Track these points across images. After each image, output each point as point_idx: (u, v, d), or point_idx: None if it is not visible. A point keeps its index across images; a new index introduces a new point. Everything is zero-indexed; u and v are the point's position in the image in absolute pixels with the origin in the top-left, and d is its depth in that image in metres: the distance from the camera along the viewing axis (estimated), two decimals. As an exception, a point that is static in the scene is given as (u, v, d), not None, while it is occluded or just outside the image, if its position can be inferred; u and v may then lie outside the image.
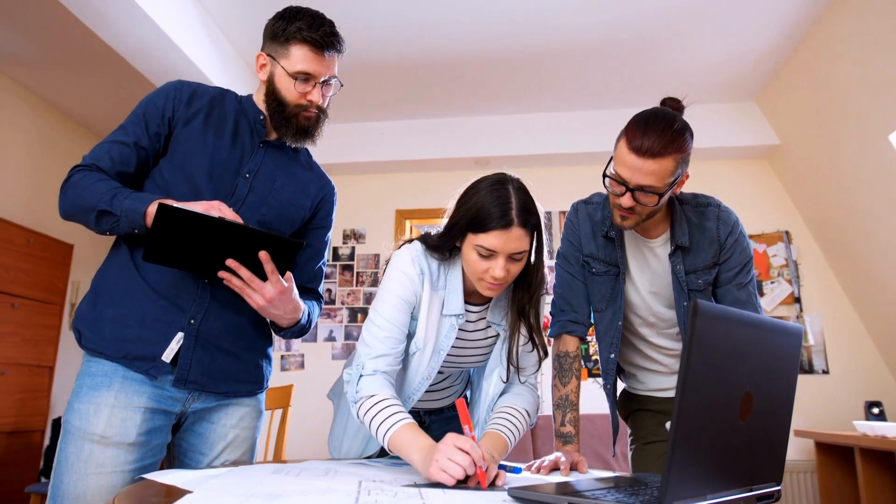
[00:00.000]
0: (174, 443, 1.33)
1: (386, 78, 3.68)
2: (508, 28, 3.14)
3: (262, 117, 1.39)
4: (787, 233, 3.90)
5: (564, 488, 0.89)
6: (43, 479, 3.49)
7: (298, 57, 1.31)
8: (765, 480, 0.90)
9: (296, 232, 1.45)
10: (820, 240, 3.79)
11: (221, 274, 1.22)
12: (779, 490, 0.92)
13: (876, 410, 3.16)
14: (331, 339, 4.22)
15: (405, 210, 4.36)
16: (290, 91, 1.33)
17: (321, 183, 1.49)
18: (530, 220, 1.16)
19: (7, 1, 2.77)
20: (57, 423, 3.26)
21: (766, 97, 3.77)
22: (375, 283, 4.30)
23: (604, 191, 1.58)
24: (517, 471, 1.16)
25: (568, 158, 4.08)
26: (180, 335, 1.24)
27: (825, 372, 3.63)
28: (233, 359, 1.33)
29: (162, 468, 1.26)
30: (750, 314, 0.85)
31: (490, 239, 1.14)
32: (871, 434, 2.62)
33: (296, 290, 1.31)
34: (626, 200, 1.32)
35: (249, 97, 1.43)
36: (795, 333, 0.93)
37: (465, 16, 3.04)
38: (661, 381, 1.60)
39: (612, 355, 1.50)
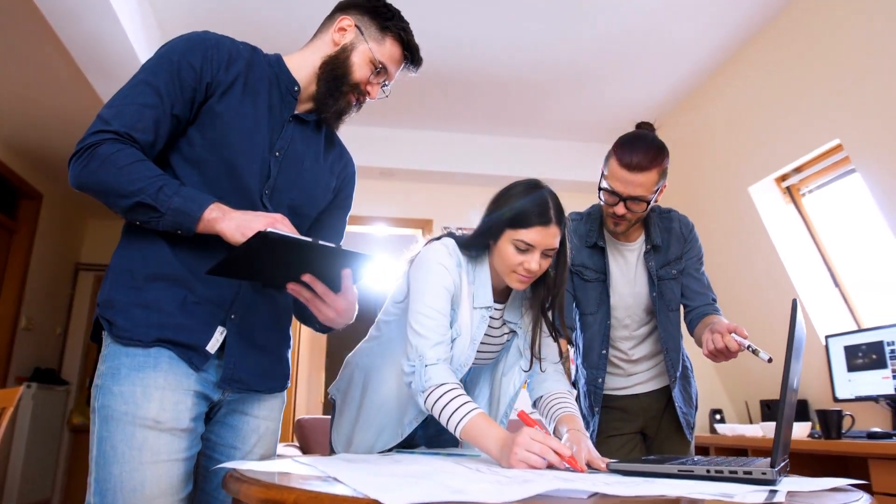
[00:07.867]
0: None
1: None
2: (434, 50, 3.26)
3: (296, 88, 1.26)
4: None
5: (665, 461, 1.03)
6: None
7: (390, 52, 1.27)
8: (785, 451, 1.13)
9: (318, 213, 1.36)
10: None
11: (291, 287, 1.13)
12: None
13: (718, 416, 3.75)
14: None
15: (307, 214, 4.26)
16: (362, 71, 1.26)
17: (343, 161, 1.41)
18: (563, 220, 1.32)
19: None
20: None
21: (643, 145, 4.35)
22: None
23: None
24: None
25: (465, 178, 4.34)
26: (222, 329, 1.15)
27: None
28: (267, 354, 1.26)
29: None
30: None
31: (531, 234, 1.26)
32: (730, 434, 3.05)
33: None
34: (621, 209, 1.55)
35: (279, 59, 1.28)
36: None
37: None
38: (618, 381, 1.83)
39: (605, 351, 1.72)
